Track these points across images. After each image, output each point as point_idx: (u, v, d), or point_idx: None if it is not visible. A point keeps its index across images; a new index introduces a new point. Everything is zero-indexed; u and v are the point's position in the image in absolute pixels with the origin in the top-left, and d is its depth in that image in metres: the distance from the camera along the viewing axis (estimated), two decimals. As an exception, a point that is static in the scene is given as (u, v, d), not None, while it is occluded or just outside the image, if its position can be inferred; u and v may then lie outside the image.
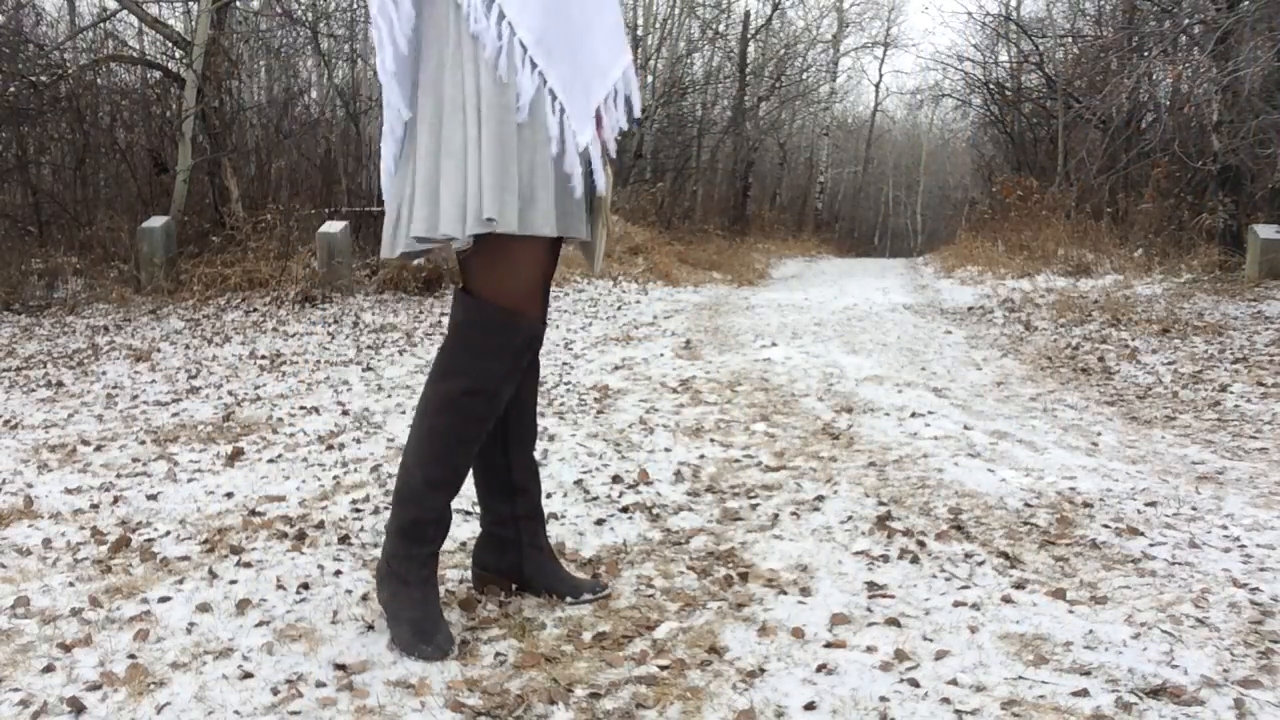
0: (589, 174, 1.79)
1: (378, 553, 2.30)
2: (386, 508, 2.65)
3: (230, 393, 4.51)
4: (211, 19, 8.93)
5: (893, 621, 1.87)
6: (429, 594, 1.82)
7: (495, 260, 1.72)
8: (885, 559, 2.21)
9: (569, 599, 1.98)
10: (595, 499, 2.71)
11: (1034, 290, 8.01)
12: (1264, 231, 7.51)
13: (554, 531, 2.39)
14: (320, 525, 2.52)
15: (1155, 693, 1.59)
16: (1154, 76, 10.70)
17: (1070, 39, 14.50)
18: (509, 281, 1.74)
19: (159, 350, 5.70)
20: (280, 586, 2.11)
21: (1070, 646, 1.76)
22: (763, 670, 1.70)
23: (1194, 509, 2.55)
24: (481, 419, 1.78)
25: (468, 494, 2.76)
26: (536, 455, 2.06)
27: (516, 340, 1.76)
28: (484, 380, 1.75)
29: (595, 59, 1.76)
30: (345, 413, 3.99)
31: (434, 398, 1.77)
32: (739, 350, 5.36)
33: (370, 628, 1.89)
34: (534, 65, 1.67)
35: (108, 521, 2.64)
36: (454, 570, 2.18)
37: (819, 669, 1.69)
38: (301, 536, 2.43)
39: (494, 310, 1.74)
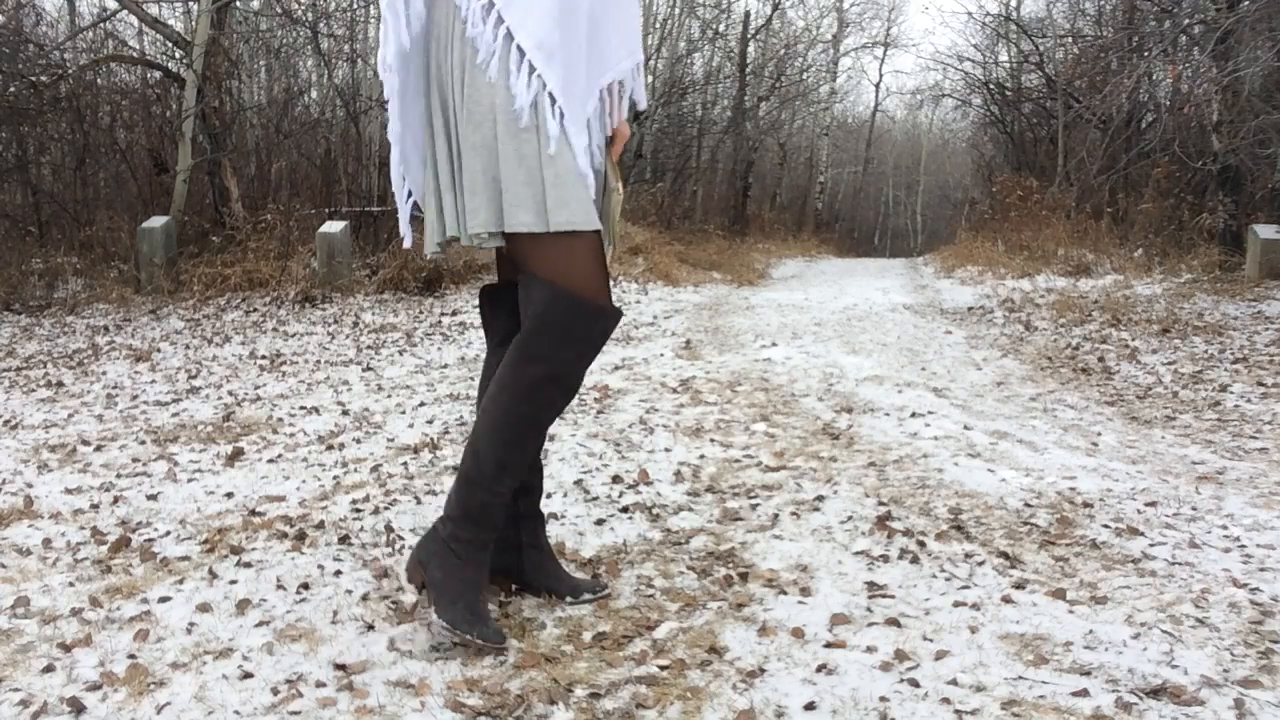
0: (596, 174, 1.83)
1: (378, 553, 2.30)
2: (386, 507, 2.65)
3: (230, 393, 4.51)
4: (211, 19, 8.93)
5: (893, 621, 1.87)
6: (481, 580, 1.82)
7: (569, 253, 1.73)
8: (885, 559, 2.21)
9: (569, 599, 1.98)
10: (595, 499, 2.71)
11: (1034, 290, 8.01)
12: (1264, 231, 7.51)
13: (554, 531, 2.38)
14: (320, 525, 2.52)
15: (1155, 693, 1.59)
16: (1154, 76, 10.70)
17: (1070, 39, 14.50)
18: (594, 272, 1.76)
19: (159, 350, 5.70)
20: (280, 586, 2.11)
21: (1070, 646, 1.76)
22: (763, 670, 1.70)
23: (1194, 509, 2.55)
24: (557, 405, 1.82)
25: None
26: (536, 455, 2.06)
27: (601, 329, 1.79)
28: (564, 367, 1.77)
29: (603, 61, 1.79)
30: (345, 413, 3.99)
31: (514, 384, 1.77)
32: (739, 350, 5.35)
33: (370, 628, 1.89)
34: (532, 69, 1.68)
35: (108, 521, 2.64)
36: (454, 570, 2.18)
37: (819, 669, 1.69)
38: (301, 536, 2.42)
39: (581, 301, 1.74)
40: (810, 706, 1.58)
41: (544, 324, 1.75)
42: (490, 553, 1.85)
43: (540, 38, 1.69)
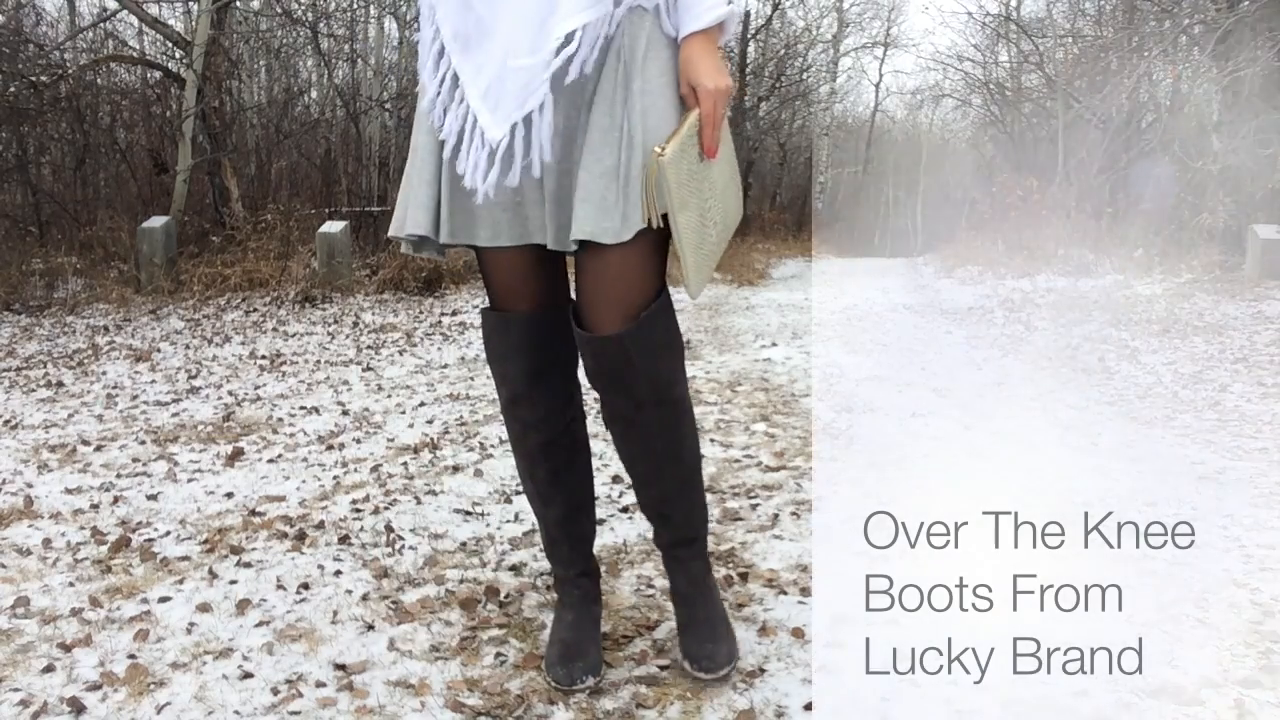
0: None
1: (377, 552, 2.31)
2: (386, 507, 2.66)
3: (230, 393, 4.51)
4: (211, 19, 8.94)
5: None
6: (582, 616, 1.74)
7: (480, 264, 1.66)
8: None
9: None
10: (595, 499, 2.71)
11: (1034, 290, 8.01)
12: (1264, 231, 7.51)
13: (554, 531, 2.38)
14: (320, 525, 2.52)
15: (1155, 693, 1.59)
16: (1154, 76, 10.70)
17: (1070, 39, 14.51)
18: (488, 284, 1.65)
19: (159, 350, 5.70)
20: (280, 586, 2.11)
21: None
22: (763, 670, 1.70)
23: (1194, 509, 2.55)
24: (531, 426, 1.67)
25: (467, 493, 2.77)
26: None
27: (507, 335, 1.63)
28: (511, 383, 1.66)
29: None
30: (345, 413, 3.99)
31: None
32: (739, 350, 5.36)
33: (370, 628, 1.89)
34: (449, 60, 1.55)
35: (108, 521, 2.64)
36: (454, 570, 2.18)
37: (819, 669, 1.69)
38: (301, 536, 2.42)
39: (483, 314, 1.69)
40: (810, 706, 1.58)
41: (486, 350, 1.72)
42: (593, 584, 1.80)
43: (455, 25, 1.52)
